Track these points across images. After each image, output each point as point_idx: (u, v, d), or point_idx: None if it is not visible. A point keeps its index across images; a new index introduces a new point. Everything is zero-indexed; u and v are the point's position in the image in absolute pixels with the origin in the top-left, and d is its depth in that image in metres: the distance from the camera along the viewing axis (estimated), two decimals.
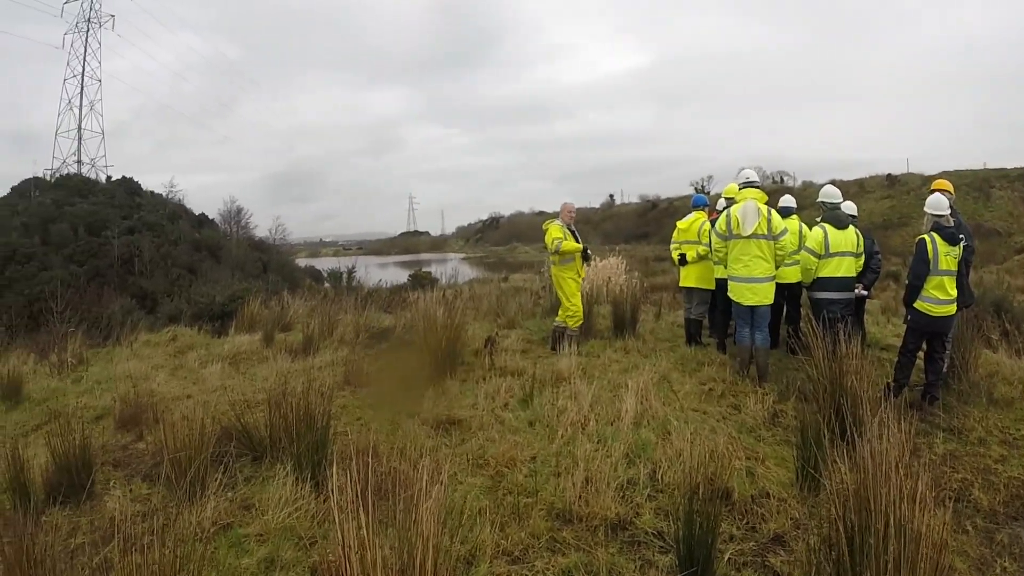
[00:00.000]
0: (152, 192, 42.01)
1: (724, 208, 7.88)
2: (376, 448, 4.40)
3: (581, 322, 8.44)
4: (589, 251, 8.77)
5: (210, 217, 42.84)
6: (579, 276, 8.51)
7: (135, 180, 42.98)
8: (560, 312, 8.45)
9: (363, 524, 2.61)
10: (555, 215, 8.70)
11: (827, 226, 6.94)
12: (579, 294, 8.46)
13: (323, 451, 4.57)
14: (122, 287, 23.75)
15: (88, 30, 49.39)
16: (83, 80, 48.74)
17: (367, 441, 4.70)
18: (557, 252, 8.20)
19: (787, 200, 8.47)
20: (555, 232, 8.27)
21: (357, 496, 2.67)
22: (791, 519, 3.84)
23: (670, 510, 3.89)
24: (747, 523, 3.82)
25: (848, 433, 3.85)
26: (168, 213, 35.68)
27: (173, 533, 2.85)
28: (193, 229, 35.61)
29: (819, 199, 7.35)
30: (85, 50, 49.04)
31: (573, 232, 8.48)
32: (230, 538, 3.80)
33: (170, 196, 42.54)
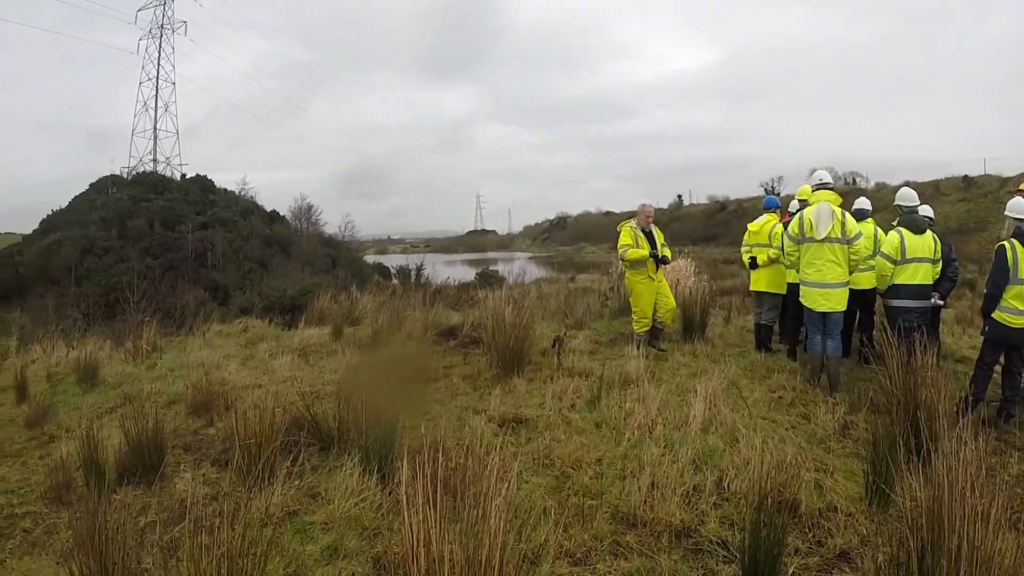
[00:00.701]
0: (225, 189, 43.64)
1: (797, 210, 7.74)
2: (443, 443, 4.53)
3: (647, 328, 8.41)
4: (666, 255, 8.56)
5: (281, 214, 44.30)
6: (652, 279, 8.39)
7: (208, 177, 44.79)
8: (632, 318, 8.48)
9: (431, 518, 2.66)
10: (630, 216, 8.60)
11: (904, 230, 6.73)
12: (647, 297, 8.39)
13: (390, 444, 4.67)
14: (195, 280, 24.64)
15: (161, 36, 51.52)
16: (157, 83, 50.94)
17: (434, 436, 4.83)
18: (623, 259, 8.27)
19: (862, 203, 8.23)
20: (624, 238, 8.28)
21: (425, 490, 2.72)
22: (859, 535, 3.76)
23: (736, 519, 3.87)
24: (813, 537, 3.76)
25: (922, 448, 3.76)
26: (240, 209, 36.96)
27: (242, 517, 2.95)
28: (264, 225, 36.74)
29: (896, 202, 7.13)
30: (159, 55, 51.22)
31: (649, 234, 8.38)
32: (295, 525, 3.96)
33: (242, 193, 44.12)
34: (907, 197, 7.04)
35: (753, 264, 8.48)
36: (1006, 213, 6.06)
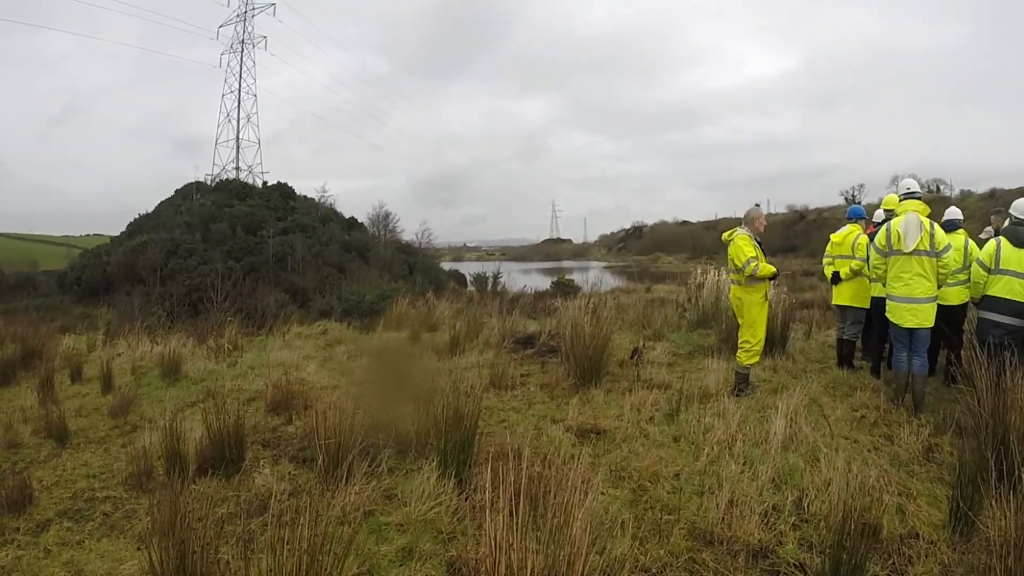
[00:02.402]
0: (305, 196, 45.20)
1: (883, 221, 7.56)
2: (521, 452, 4.57)
3: (757, 360, 7.34)
4: (779, 272, 7.54)
5: (359, 220, 45.41)
6: (767, 300, 7.39)
7: (289, 185, 46.49)
8: (739, 347, 7.29)
9: (511, 525, 2.74)
10: (737, 222, 7.63)
11: (1003, 239, 6.51)
12: (764, 321, 7.31)
13: (468, 450, 4.79)
14: (276, 282, 25.54)
15: (242, 50, 53.80)
16: (240, 95, 53.22)
17: (513, 444, 4.94)
18: (752, 275, 7.03)
19: (953, 213, 7.86)
20: (747, 247, 7.06)
21: (510, 497, 2.80)
22: (940, 564, 3.66)
23: (815, 542, 3.83)
24: (893, 564, 3.67)
25: (1014, 474, 3.68)
26: (320, 216, 38.19)
27: (320, 515, 3.09)
28: (343, 231, 37.80)
29: (1010, 210, 6.78)
30: (240, 68, 53.52)
31: (760, 244, 7.34)
32: (371, 525, 4.11)
33: (322, 200, 45.56)
34: (1020, 208, 6.67)
35: (836, 278, 8.28)
36: None
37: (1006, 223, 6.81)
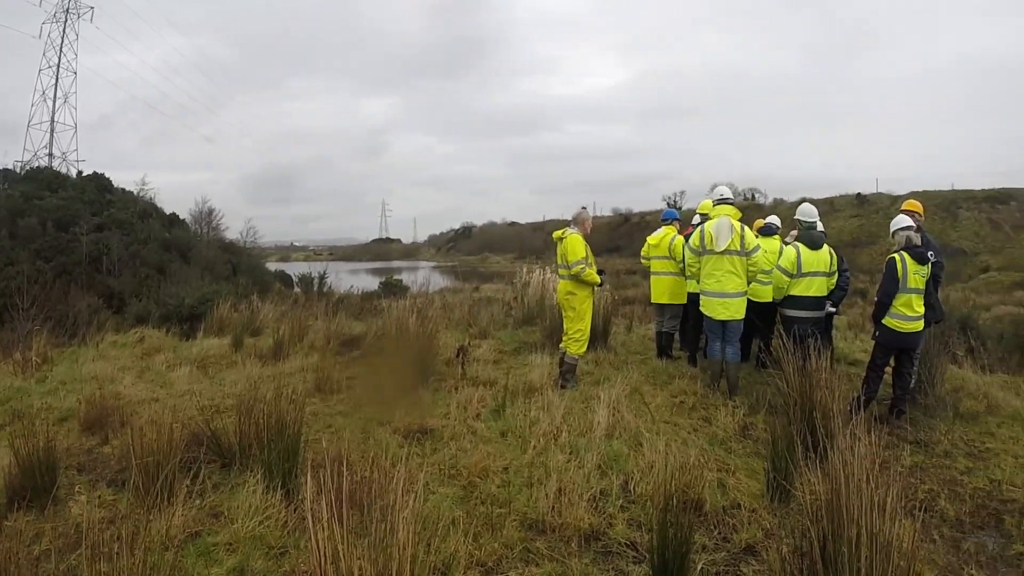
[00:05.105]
0: (123, 189, 41.20)
1: (699, 224, 7.95)
2: (348, 456, 4.39)
3: (585, 349, 7.41)
4: (603, 282, 7.62)
5: (181, 217, 42.39)
6: (593, 293, 7.49)
7: (106, 176, 42.27)
8: (564, 338, 7.36)
9: (338, 534, 2.59)
10: (564, 224, 7.63)
11: (800, 246, 7.05)
12: (591, 316, 7.45)
13: (294, 459, 4.51)
14: (89, 285, 23.22)
15: (66, 20, 48.17)
16: (58, 71, 47.26)
17: (339, 449, 4.68)
18: (577, 278, 7.11)
19: (772, 219, 8.62)
20: (579, 248, 7.13)
21: (331, 505, 2.65)
22: (763, 529, 3.88)
23: (643, 521, 3.92)
24: (719, 534, 3.85)
25: (818, 446, 3.89)
26: (139, 211, 35.06)
27: (141, 541, 2.78)
28: (163, 228, 34.95)
29: (796, 216, 7.43)
30: (62, 40, 47.50)
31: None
32: (199, 547, 3.73)
33: (141, 194, 41.72)
34: (807, 213, 7.34)
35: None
36: (892, 227, 6.44)
37: (796, 231, 7.39)
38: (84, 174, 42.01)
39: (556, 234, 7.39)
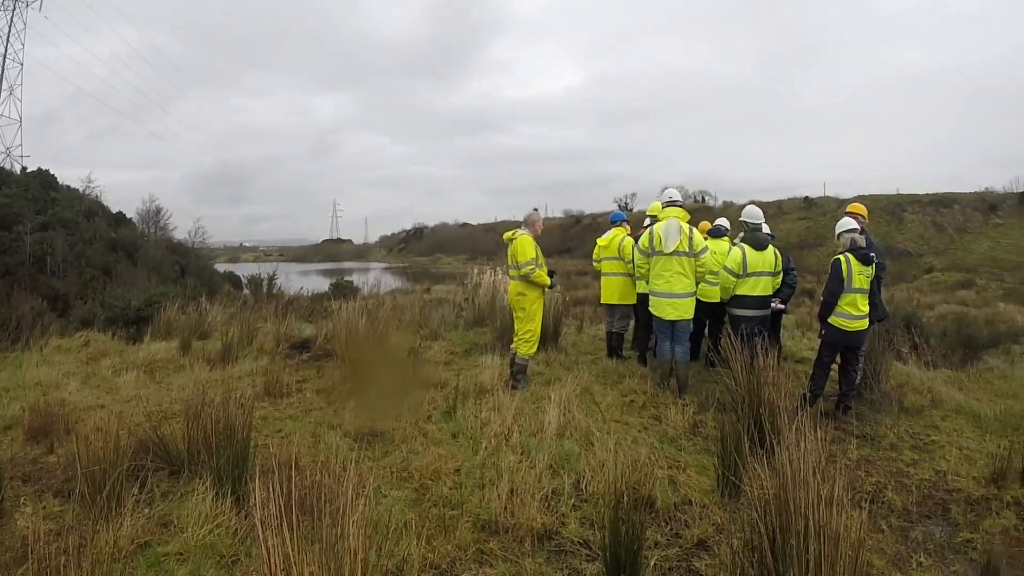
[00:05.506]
0: (68, 187, 39.73)
1: (648, 226, 8.02)
2: (298, 461, 4.32)
3: (535, 350, 7.42)
4: (554, 284, 7.70)
5: (128, 216, 41.03)
6: (544, 294, 7.47)
7: (51, 173, 40.71)
8: (515, 338, 7.39)
9: (287, 540, 2.54)
10: (516, 225, 7.62)
11: (746, 247, 7.17)
12: (541, 316, 7.46)
13: (243, 465, 4.41)
14: (33, 287, 22.34)
15: (14, 8, 46.09)
16: (3, 62, 45.45)
17: (288, 454, 4.59)
18: (527, 279, 7.12)
19: (722, 221, 8.81)
20: (529, 249, 7.13)
21: (280, 511, 2.60)
22: (714, 524, 3.93)
23: (595, 519, 3.93)
24: (671, 530, 3.90)
25: (767, 441, 3.96)
26: (84, 210, 33.87)
27: (89, 553, 2.68)
28: (110, 228, 33.80)
29: (741, 218, 7.55)
30: (9, 30, 45.50)
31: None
32: (149, 557, 3.63)
33: (87, 192, 40.23)
34: (752, 215, 7.46)
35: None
36: (837, 229, 6.60)
37: (741, 233, 7.51)
38: (28, 170, 40.37)
39: (507, 235, 7.43)
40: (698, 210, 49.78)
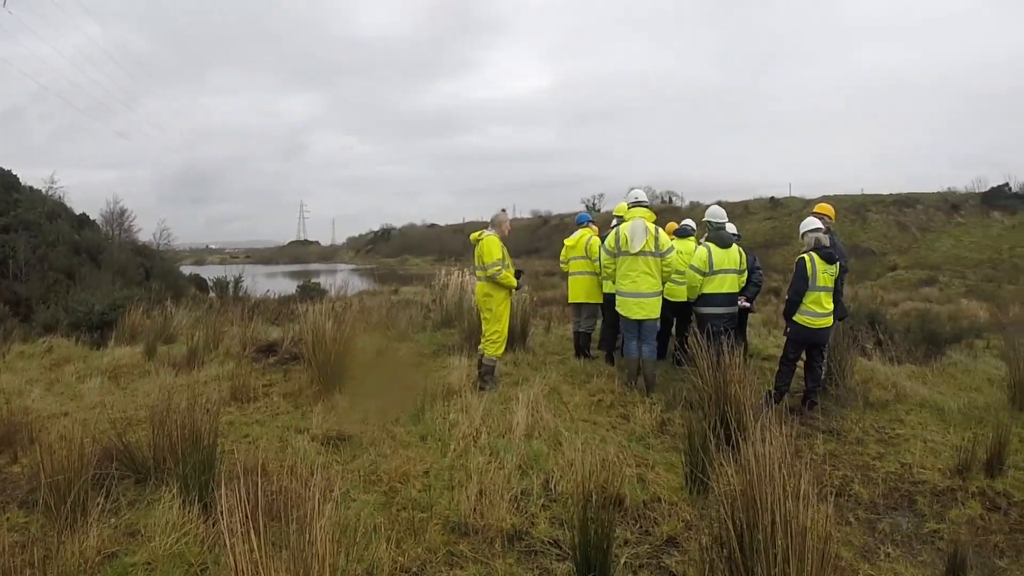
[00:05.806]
0: (31, 188, 38.85)
1: (614, 226, 8.07)
2: (265, 466, 4.30)
3: (503, 351, 7.39)
4: (520, 285, 7.71)
5: (92, 218, 40.11)
6: (511, 295, 7.50)
7: (13, 173, 39.74)
8: (482, 339, 7.35)
9: (255, 547, 2.50)
10: (484, 226, 7.62)
11: (711, 245, 7.24)
12: (508, 317, 7.46)
13: (210, 471, 4.34)
14: None
15: None
16: None
17: (256, 459, 4.53)
18: (493, 279, 7.12)
19: (688, 221, 8.89)
20: (495, 250, 7.14)
21: (247, 518, 2.56)
22: (683, 521, 3.96)
23: (565, 519, 3.93)
24: (641, 527, 3.92)
25: (733, 438, 3.98)
26: (47, 211, 33.05)
27: (55, 565, 2.60)
28: (73, 230, 32.98)
29: (705, 218, 7.64)
30: None
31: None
32: (116, 568, 3.54)
33: (50, 193, 39.35)
34: (716, 214, 7.56)
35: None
36: (801, 229, 6.70)
37: (707, 232, 7.58)
38: None
39: (473, 236, 7.41)
40: (665, 210, 50.26)
